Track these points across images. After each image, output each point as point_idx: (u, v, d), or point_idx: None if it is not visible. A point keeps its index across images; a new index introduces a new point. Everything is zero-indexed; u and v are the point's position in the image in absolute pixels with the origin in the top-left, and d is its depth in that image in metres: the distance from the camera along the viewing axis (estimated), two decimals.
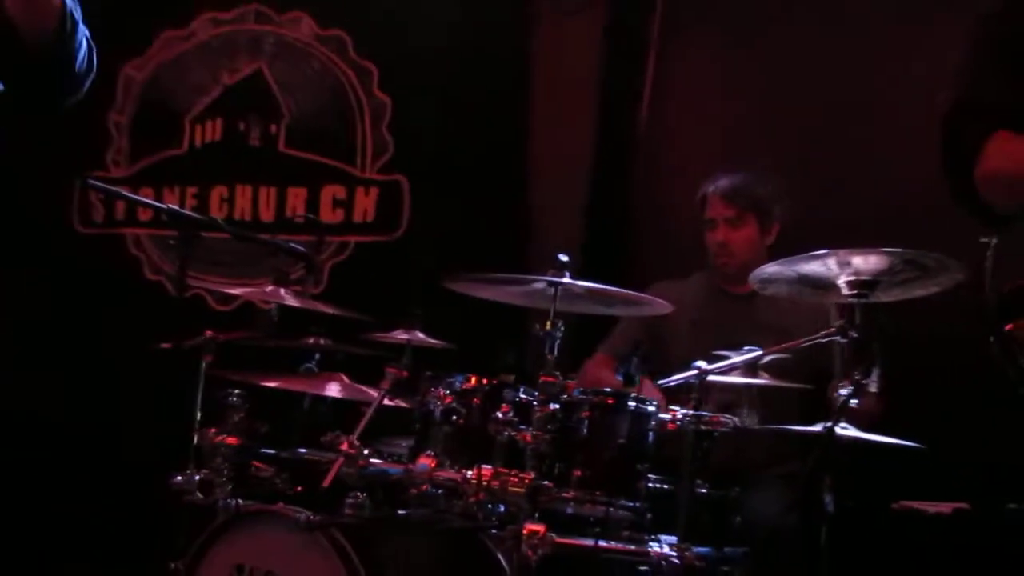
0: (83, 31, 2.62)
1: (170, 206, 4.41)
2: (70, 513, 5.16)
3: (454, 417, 3.52)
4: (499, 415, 3.41)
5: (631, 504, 3.44)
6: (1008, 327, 2.29)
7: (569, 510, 3.40)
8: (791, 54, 4.97)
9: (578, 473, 3.39)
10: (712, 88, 5.15)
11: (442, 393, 3.55)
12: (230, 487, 3.75)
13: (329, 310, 4.16)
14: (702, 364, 3.57)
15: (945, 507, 3.84)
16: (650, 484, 3.51)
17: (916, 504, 3.89)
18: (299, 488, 3.79)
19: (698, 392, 3.54)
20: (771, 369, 3.72)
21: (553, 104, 5.23)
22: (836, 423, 3.48)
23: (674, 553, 3.33)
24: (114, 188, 5.40)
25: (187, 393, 3.94)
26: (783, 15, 4.98)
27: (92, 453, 5.28)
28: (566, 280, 3.47)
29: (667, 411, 3.55)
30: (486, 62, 5.34)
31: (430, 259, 5.03)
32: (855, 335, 3.49)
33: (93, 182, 5.45)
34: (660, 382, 3.79)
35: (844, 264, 3.48)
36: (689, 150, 5.06)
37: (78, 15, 2.60)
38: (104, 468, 5.10)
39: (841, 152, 4.82)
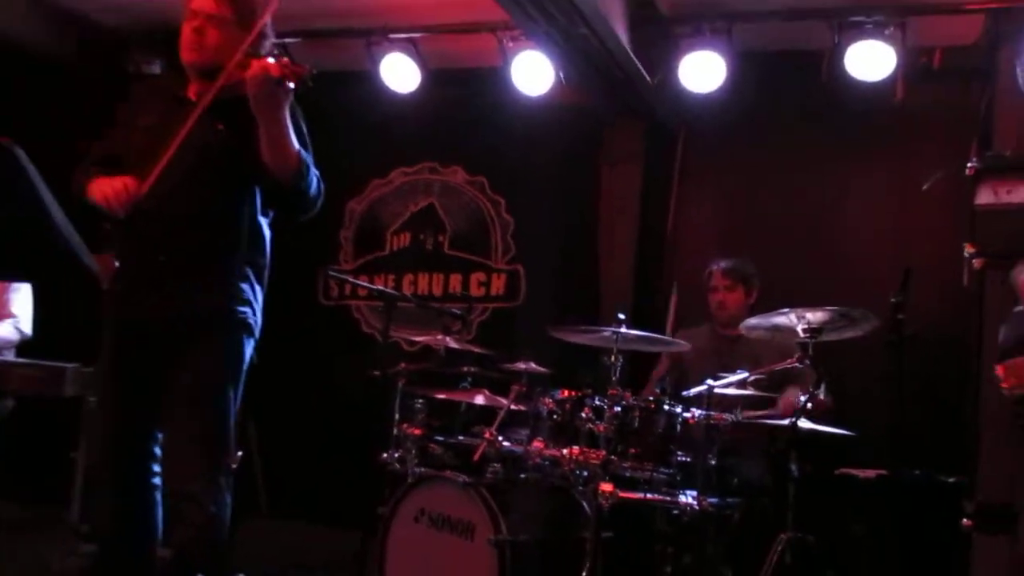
0: (314, 172, 2.63)
1: (378, 287, 4.49)
2: (325, 476, 5.20)
3: (554, 416, 3.53)
4: (583, 415, 3.44)
5: (667, 471, 3.43)
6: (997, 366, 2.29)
7: (627, 474, 3.38)
8: (768, 189, 4.94)
9: (633, 451, 3.39)
10: (713, 206, 5.12)
11: (547, 401, 3.56)
12: (416, 460, 3.77)
13: (476, 349, 4.19)
14: (710, 381, 3.55)
15: (871, 473, 3.77)
16: (679, 457, 3.50)
17: (852, 470, 3.82)
18: (459, 460, 3.79)
19: (708, 399, 3.52)
20: (754, 385, 3.69)
21: (612, 218, 5.21)
22: (798, 418, 3.45)
23: (695, 502, 3.33)
24: (344, 276, 5.50)
25: (389, 402, 3.99)
26: (761, 166, 4.96)
27: (330, 441, 5.30)
28: (623, 329, 3.49)
29: (688, 410, 3.52)
30: (571, 193, 5.33)
31: (538, 317, 5.04)
32: (809, 363, 3.46)
33: (331, 272, 5.52)
34: (683, 393, 3.73)
35: (800, 317, 3.46)
36: (699, 245, 5.04)
37: (310, 161, 2.61)
38: (340, 449, 5.12)
39: (798, 245, 4.78)
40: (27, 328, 4.03)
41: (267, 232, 2.79)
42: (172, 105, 2.69)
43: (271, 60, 2.40)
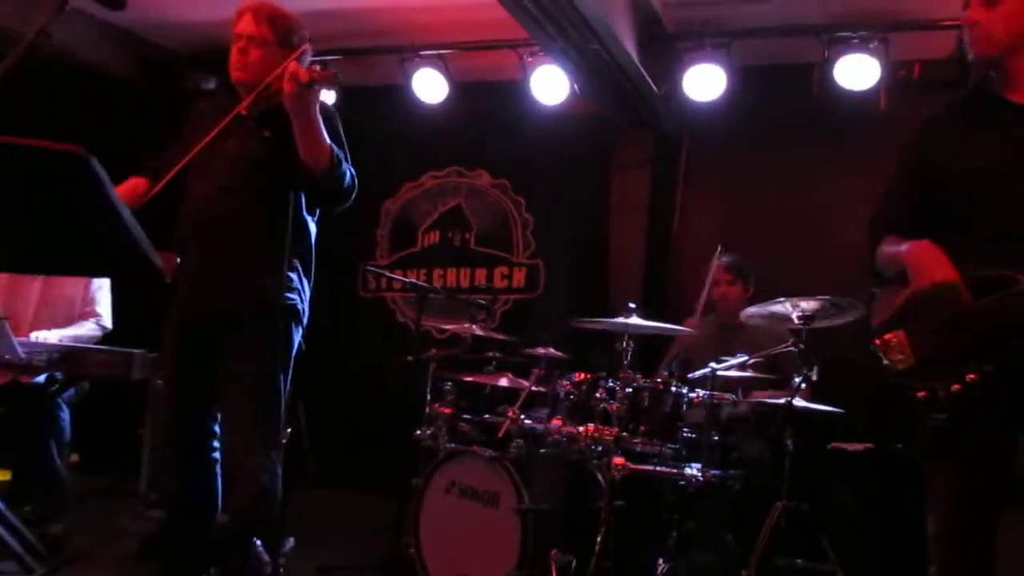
0: (346, 166, 2.63)
1: (411, 280, 4.49)
2: (366, 450, 5.20)
3: (571, 396, 3.53)
4: (597, 395, 3.44)
5: (674, 446, 3.42)
6: (875, 342, 2.23)
7: (638, 449, 3.37)
8: (764, 190, 4.90)
9: (643, 428, 3.39)
10: (715, 209, 5.09)
11: (564, 383, 3.56)
12: (447, 437, 3.77)
13: (500, 336, 4.19)
14: (713, 364, 3.53)
15: (859, 446, 3.74)
16: (684, 434, 3.48)
17: (841, 445, 3.79)
18: (485, 437, 3.79)
19: (711, 381, 3.49)
20: (753, 367, 3.66)
21: (622, 219, 5.20)
22: (793, 397, 3.43)
23: (699, 474, 3.30)
24: (380, 270, 5.52)
25: (422, 384, 3.98)
26: (758, 169, 4.92)
27: (370, 419, 5.31)
28: (633, 318, 3.46)
29: (693, 391, 3.50)
30: (585, 195, 5.32)
31: (556, 307, 5.04)
32: (803, 347, 3.44)
33: (369, 267, 5.55)
34: (689, 375, 3.71)
35: (795, 306, 3.44)
36: (701, 244, 5.00)
37: (341, 155, 2.61)
38: (378, 427, 5.12)
39: (792, 241, 4.74)
40: (108, 323, 4.09)
41: (312, 228, 2.81)
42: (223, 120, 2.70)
43: (302, 67, 2.45)
